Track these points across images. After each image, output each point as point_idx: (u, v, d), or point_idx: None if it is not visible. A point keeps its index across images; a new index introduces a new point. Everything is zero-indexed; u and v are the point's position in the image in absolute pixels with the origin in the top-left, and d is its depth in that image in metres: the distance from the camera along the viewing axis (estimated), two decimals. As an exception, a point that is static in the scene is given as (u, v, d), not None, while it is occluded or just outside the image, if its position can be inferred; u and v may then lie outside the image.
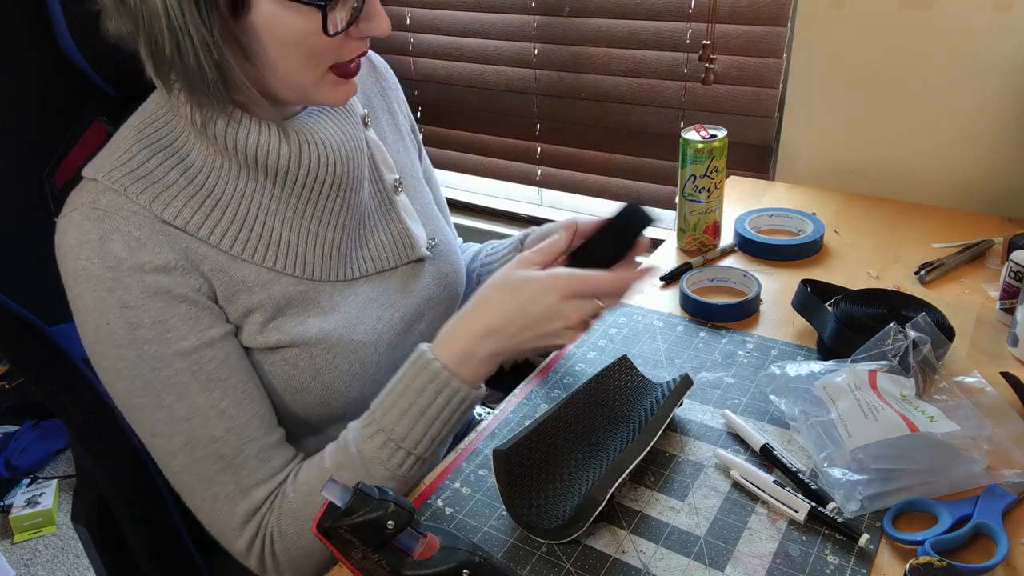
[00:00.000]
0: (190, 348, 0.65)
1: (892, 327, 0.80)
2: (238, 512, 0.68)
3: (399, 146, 0.87)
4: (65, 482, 2.01)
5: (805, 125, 1.37)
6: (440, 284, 0.84)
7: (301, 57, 0.63)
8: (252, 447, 0.68)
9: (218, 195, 0.68)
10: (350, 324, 0.74)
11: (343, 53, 0.65)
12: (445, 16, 1.76)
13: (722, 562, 0.65)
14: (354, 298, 0.76)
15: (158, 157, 0.67)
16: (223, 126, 0.66)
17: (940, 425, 0.71)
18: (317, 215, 0.73)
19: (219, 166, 0.68)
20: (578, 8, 1.57)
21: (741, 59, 1.43)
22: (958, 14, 1.16)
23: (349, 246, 0.76)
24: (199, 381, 0.66)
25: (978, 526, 0.64)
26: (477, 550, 0.56)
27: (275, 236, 0.71)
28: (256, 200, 0.70)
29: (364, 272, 0.77)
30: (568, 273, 0.70)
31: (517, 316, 0.69)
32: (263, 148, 0.67)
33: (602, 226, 0.77)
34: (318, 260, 0.73)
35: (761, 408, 0.82)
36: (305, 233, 0.72)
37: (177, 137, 0.68)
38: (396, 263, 0.80)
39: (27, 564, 1.80)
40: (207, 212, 0.67)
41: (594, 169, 1.72)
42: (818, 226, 1.13)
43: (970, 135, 1.23)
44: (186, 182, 0.67)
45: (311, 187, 0.71)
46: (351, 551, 0.53)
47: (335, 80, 0.67)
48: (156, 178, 0.66)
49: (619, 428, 0.77)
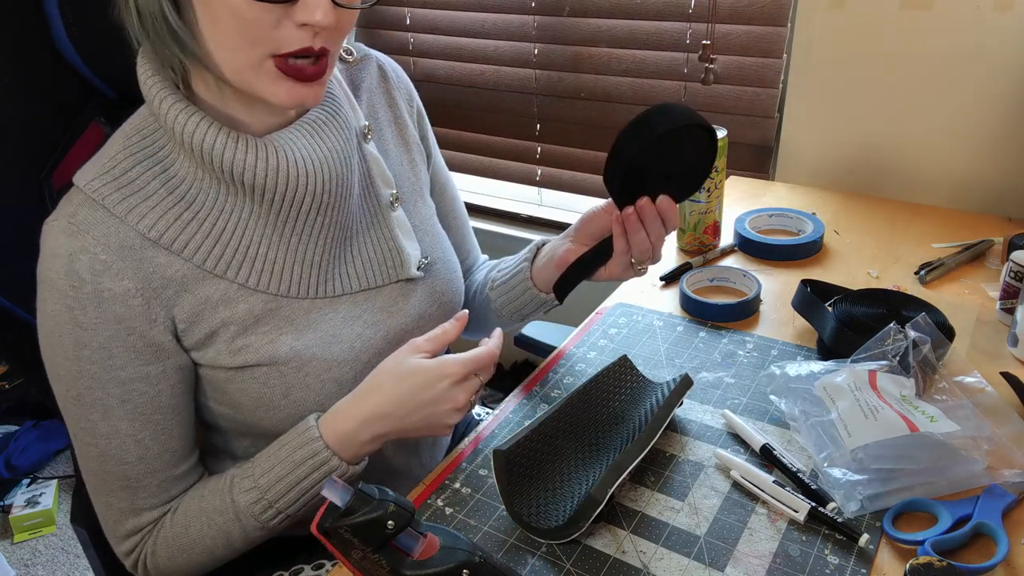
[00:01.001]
0: (126, 379, 0.68)
1: (892, 327, 0.80)
2: (125, 526, 0.73)
3: (402, 159, 0.85)
4: (65, 482, 2.01)
5: (805, 125, 1.37)
6: (434, 303, 0.82)
7: (234, 30, 0.60)
8: (156, 476, 0.72)
9: (197, 207, 0.68)
10: (325, 343, 0.73)
11: (280, 40, 0.61)
12: (445, 16, 1.76)
13: (722, 562, 0.65)
14: (333, 315, 0.74)
15: (142, 166, 0.67)
16: (200, 136, 0.65)
17: (940, 425, 0.71)
18: (297, 232, 0.71)
19: (200, 179, 0.68)
20: (578, 8, 1.57)
21: (741, 59, 1.43)
22: (958, 14, 1.16)
23: (332, 263, 0.75)
24: (126, 410, 0.69)
25: (978, 526, 0.64)
26: (477, 550, 0.56)
27: (251, 252, 0.70)
28: (235, 215, 0.69)
29: (347, 290, 0.76)
30: (456, 360, 0.72)
31: (407, 401, 0.71)
32: (239, 164, 0.66)
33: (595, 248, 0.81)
34: (295, 277, 0.72)
35: (761, 408, 0.82)
36: (284, 250, 0.71)
37: (162, 147, 0.68)
38: (384, 281, 0.78)
39: (27, 564, 1.80)
40: (184, 224, 0.68)
41: (594, 169, 1.72)
42: (818, 226, 1.13)
43: (970, 135, 1.23)
44: (167, 192, 0.67)
45: (290, 205, 0.70)
46: (351, 551, 0.53)
47: (276, 74, 0.63)
48: (137, 187, 0.67)
49: (619, 428, 0.77)
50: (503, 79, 1.74)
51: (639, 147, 0.74)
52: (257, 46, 0.61)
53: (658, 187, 0.77)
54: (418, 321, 0.80)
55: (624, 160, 0.74)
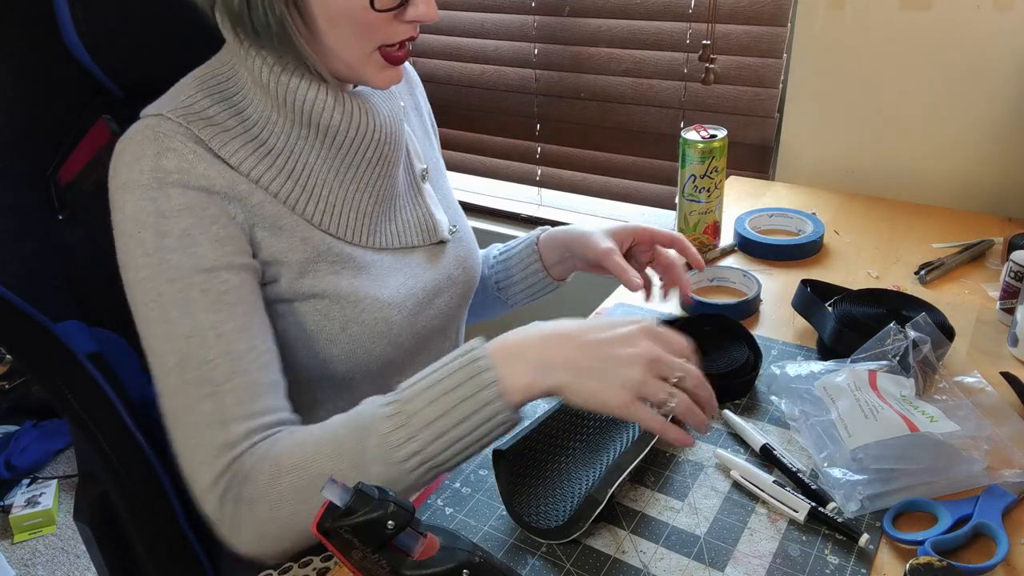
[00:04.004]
0: (209, 267, 0.67)
1: (892, 327, 0.80)
2: (213, 443, 0.64)
3: (425, 141, 0.92)
4: (65, 482, 2.01)
5: (805, 125, 1.37)
6: (459, 266, 0.88)
7: (349, 30, 0.67)
8: (242, 378, 0.66)
9: (270, 146, 0.72)
10: (376, 285, 0.78)
11: (390, 34, 0.69)
12: (445, 16, 1.76)
13: (722, 562, 0.65)
14: (380, 264, 0.79)
15: (218, 106, 0.71)
16: (285, 80, 0.70)
17: (940, 425, 0.71)
18: (356, 180, 0.77)
19: (274, 121, 0.72)
20: (578, 8, 1.57)
21: (741, 59, 1.43)
22: (958, 14, 1.16)
23: (379, 217, 0.80)
24: (208, 300, 0.66)
25: (978, 526, 0.64)
26: (477, 550, 0.56)
27: (315, 192, 0.75)
28: (304, 156, 0.74)
29: (389, 245, 0.81)
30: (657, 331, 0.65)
31: (591, 328, 0.63)
32: (319, 105, 0.71)
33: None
34: (349, 223, 0.77)
35: (761, 408, 0.82)
36: (343, 195, 0.76)
37: (238, 91, 0.72)
38: (420, 243, 0.84)
39: (27, 564, 1.80)
40: (259, 159, 0.72)
41: (594, 169, 1.72)
42: (818, 226, 1.13)
43: (970, 135, 1.23)
44: (242, 130, 0.72)
45: (356, 150, 0.75)
46: (351, 551, 0.53)
47: (382, 63, 0.71)
48: (215, 121, 0.70)
49: (619, 428, 0.77)
50: (503, 79, 1.74)
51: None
52: (369, 41, 0.69)
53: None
54: (448, 280, 0.86)
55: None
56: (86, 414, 0.79)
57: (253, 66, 0.70)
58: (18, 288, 0.74)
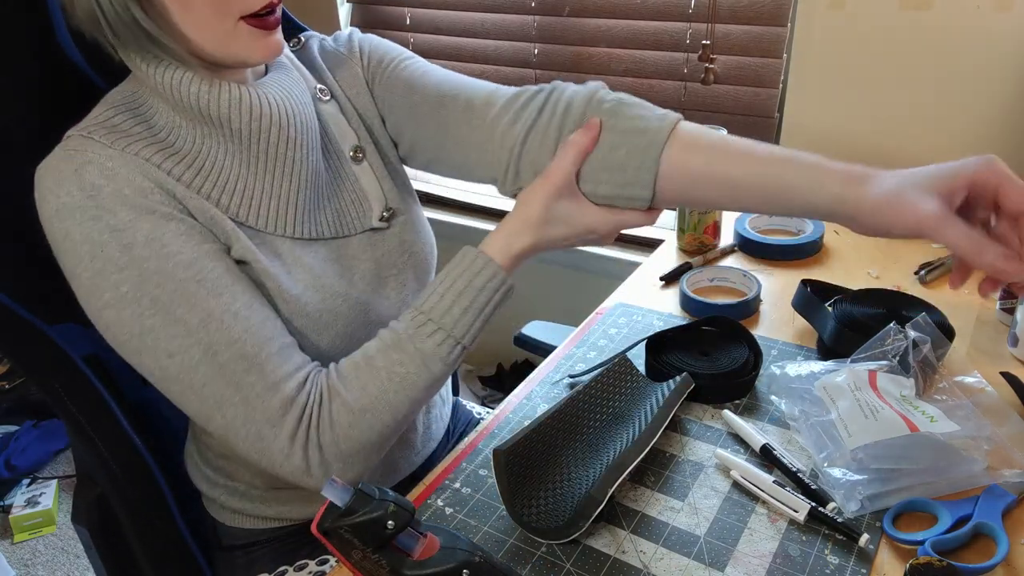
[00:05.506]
0: (189, 260, 0.66)
1: (892, 327, 0.80)
2: (273, 406, 0.67)
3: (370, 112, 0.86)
4: (65, 482, 2.01)
5: (805, 125, 1.37)
6: (404, 252, 0.84)
7: (201, 5, 0.65)
8: (272, 345, 0.68)
9: (178, 148, 0.70)
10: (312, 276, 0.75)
11: (249, 2, 0.66)
12: (445, 16, 1.76)
13: (722, 562, 0.65)
14: (315, 256, 0.77)
15: (125, 116, 0.69)
16: (170, 77, 0.68)
17: (940, 425, 0.71)
18: (270, 170, 0.74)
19: (178, 125, 0.70)
20: (578, 8, 1.57)
21: (741, 59, 1.43)
22: (958, 14, 1.16)
23: (307, 207, 0.77)
24: (206, 288, 0.66)
25: (978, 526, 0.64)
26: (477, 550, 0.56)
27: (229, 186, 0.72)
28: (212, 153, 0.71)
29: (321, 235, 0.78)
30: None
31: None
32: (203, 96, 0.69)
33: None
34: (273, 214, 0.74)
35: (761, 408, 0.82)
36: (260, 187, 0.73)
37: (142, 103, 0.71)
38: (352, 231, 0.81)
39: (27, 564, 1.80)
40: (175, 162, 0.70)
41: (594, 169, 1.72)
42: (818, 226, 1.13)
43: (970, 135, 1.23)
44: (151, 137, 0.70)
45: (258, 138, 0.72)
46: (351, 551, 0.53)
47: (251, 31, 0.67)
48: (124, 131, 0.68)
49: (619, 428, 0.77)
50: (503, 79, 1.74)
51: None
52: (229, 14, 0.66)
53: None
54: (392, 268, 0.83)
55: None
56: (83, 416, 0.79)
57: (141, 72, 0.69)
58: (12, 290, 0.74)
